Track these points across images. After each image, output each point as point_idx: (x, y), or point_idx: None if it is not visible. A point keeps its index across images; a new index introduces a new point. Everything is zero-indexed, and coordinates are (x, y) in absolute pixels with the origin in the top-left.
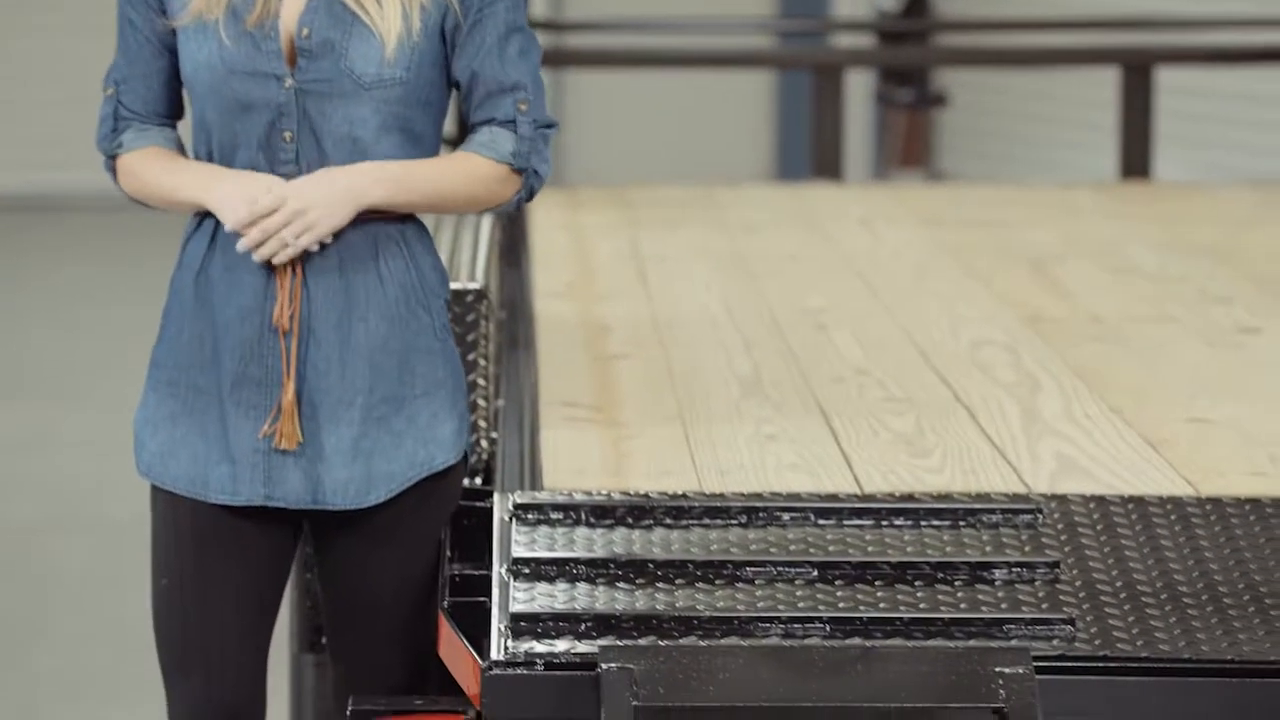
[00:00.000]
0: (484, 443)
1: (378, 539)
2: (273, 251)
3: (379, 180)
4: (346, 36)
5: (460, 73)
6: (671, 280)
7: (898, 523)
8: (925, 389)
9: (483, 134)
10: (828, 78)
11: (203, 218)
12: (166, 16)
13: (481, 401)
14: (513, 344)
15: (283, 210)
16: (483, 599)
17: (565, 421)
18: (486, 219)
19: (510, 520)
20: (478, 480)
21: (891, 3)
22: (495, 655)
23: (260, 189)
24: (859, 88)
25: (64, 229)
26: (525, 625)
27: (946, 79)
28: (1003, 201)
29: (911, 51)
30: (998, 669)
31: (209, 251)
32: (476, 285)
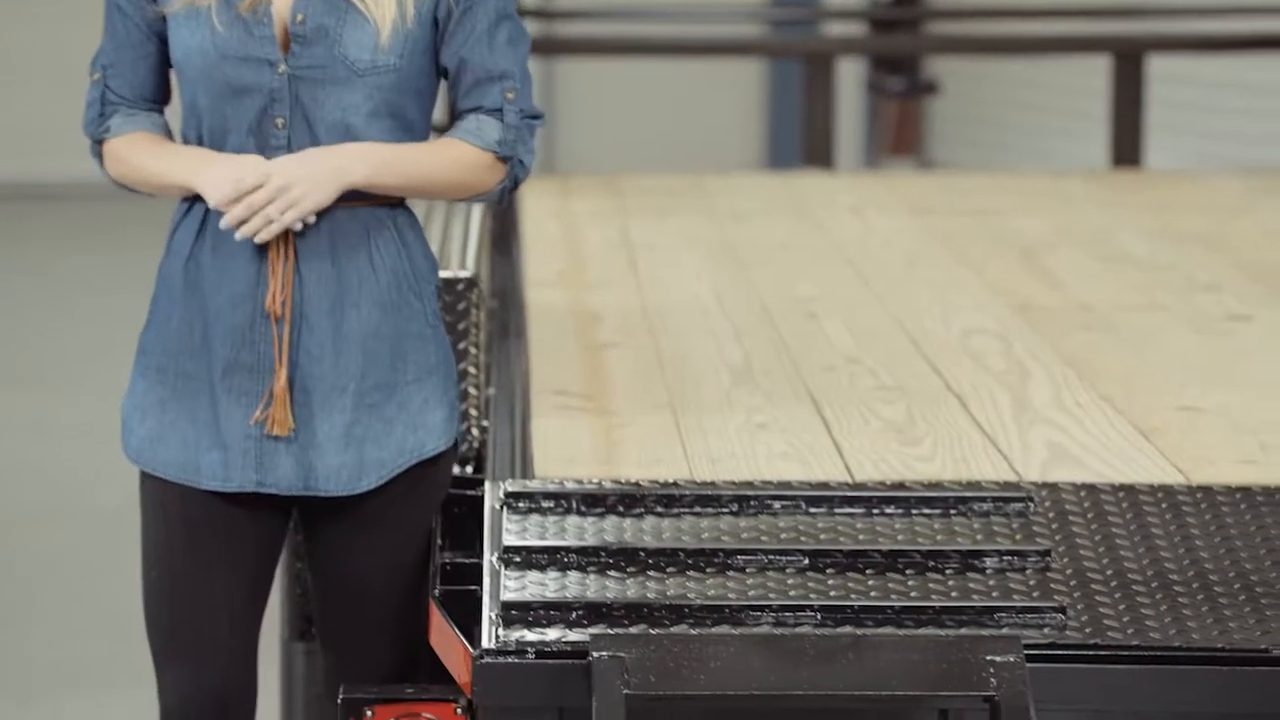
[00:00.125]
0: (475, 431)
1: (368, 525)
2: (256, 229)
3: (364, 160)
4: (341, 23)
5: (449, 59)
6: (662, 269)
7: (889, 511)
8: (916, 377)
9: (469, 121)
10: (818, 66)
11: (191, 204)
12: (157, 3)
13: (472, 390)
14: (503, 332)
15: (267, 186)
16: (474, 587)
17: (556, 410)
18: (477, 207)
19: (501, 509)
20: (469, 469)
21: None
22: (486, 644)
23: (249, 169)
24: (850, 76)
25: (63, 217)
26: (516, 614)
27: (938, 67)
28: (994, 190)
29: (902, 40)
30: (989, 657)
31: (198, 238)
32: (467, 273)
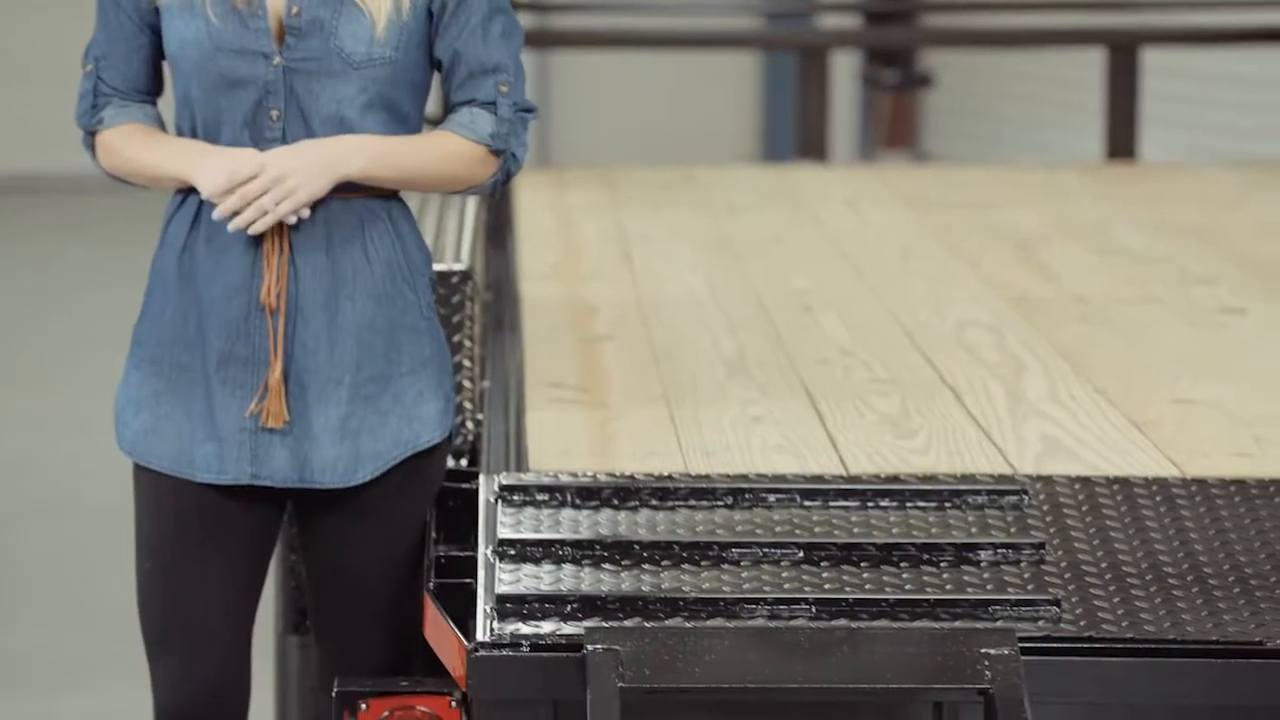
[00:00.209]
0: (469, 424)
1: (363, 517)
2: (249, 220)
3: (358, 152)
4: (336, 15)
5: (442, 52)
6: (657, 261)
7: (883, 504)
8: (911, 370)
9: (463, 114)
10: (813, 59)
11: (185, 197)
12: None
13: (467, 383)
14: (498, 325)
15: (261, 177)
16: (468, 580)
17: (551, 403)
18: (471, 200)
19: (496, 502)
20: (463, 462)
21: None
22: (481, 637)
23: (243, 160)
24: (844, 69)
25: (56, 212)
26: (511, 607)
27: (932, 60)
28: (988, 182)
29: (897, 32)
30: (983, 650)
31: (193, 230)
32: (462, 266)
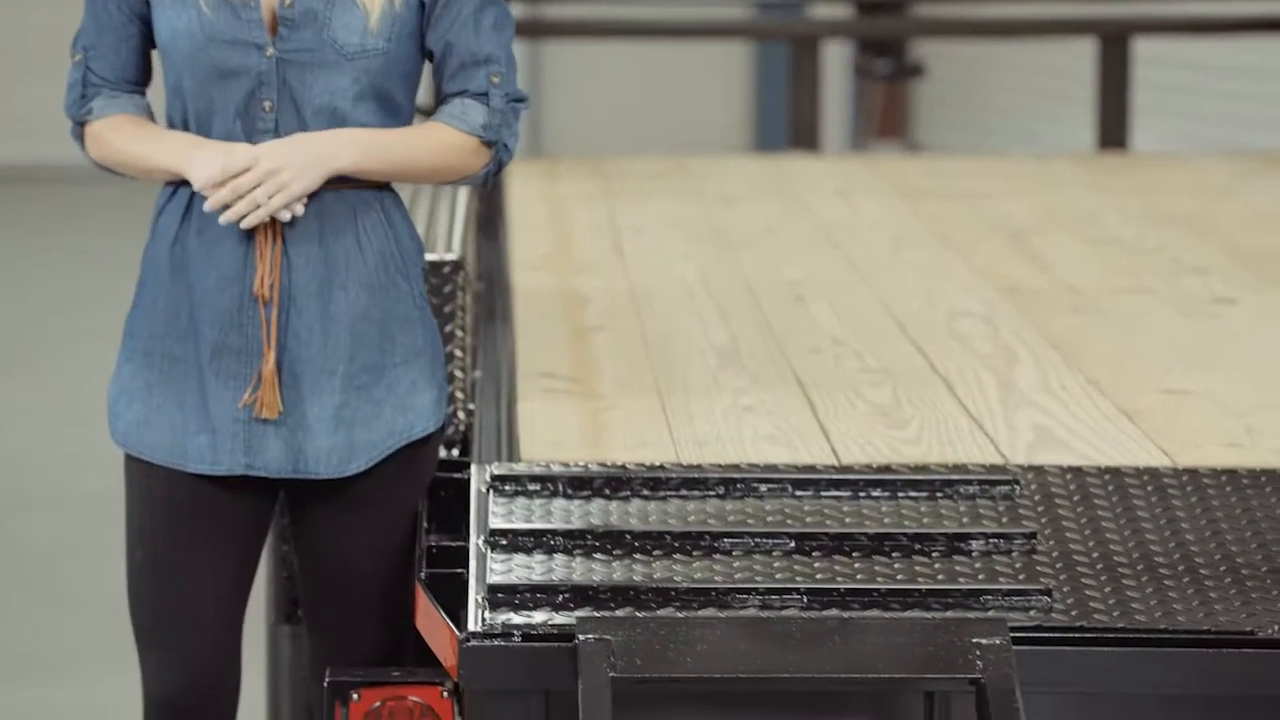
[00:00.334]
0: (461, 414)
1: (356, 508)
2: (241, 213)
3: (351, 145)
4: (329, 6)
5: (434, 43)
6: (648, 252)
7: (875, 494)
8: (902, 360)
9: (454, 105)
10: (804, 49)
11: (176, 188)
12: None
13: (459, 373)
14: (490, 315)
15: (255, 170)
16: (460, 570)
17: (542, 393)
18: (463, 190)
19: (487, 492)
20: (455, 452)
21: None
22: (472, 627)
23: (237, 152)
24: (836, 59)
25: (48, 202)
26: (502, 597)
27: (924, 50)
28: (980, 173)
29: (889, 22)
30: (975, 640)
31: (184, 221)
32: (453, 256)
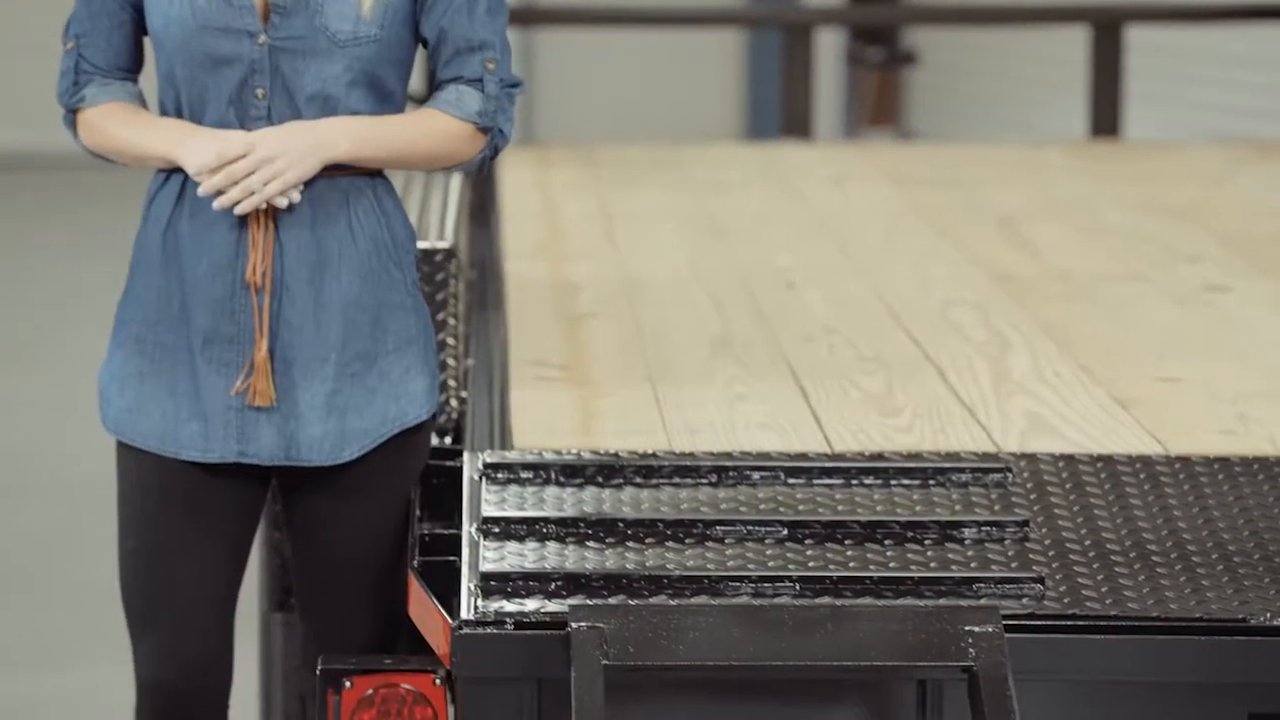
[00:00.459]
0: (454, 402)
1: (348, 495)
2: (235, 200)
3: (347, 133)
4: None
5: (429, 30)
6: (641, 239)
7: (867, 482)
8: (895, 348)
9: (449, 92)
10: (797, 37)
11: (168, 175)
12: None
13: (451, 361)
14: (482, 303)
15: (250, 157)
16: (452, 558)
17: (535, 381)
18: (456, 178)
19: (480, 479)
20: (447, 440)
21: None
22: (465, 614)
23: (232, 139)
24: (829, 47)
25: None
26: (495, 584)
27: (916, 38)
28: (973, 160)
29: (881, 10)
30: (967, 628)
31: (176, 208)
32: (446, 244)
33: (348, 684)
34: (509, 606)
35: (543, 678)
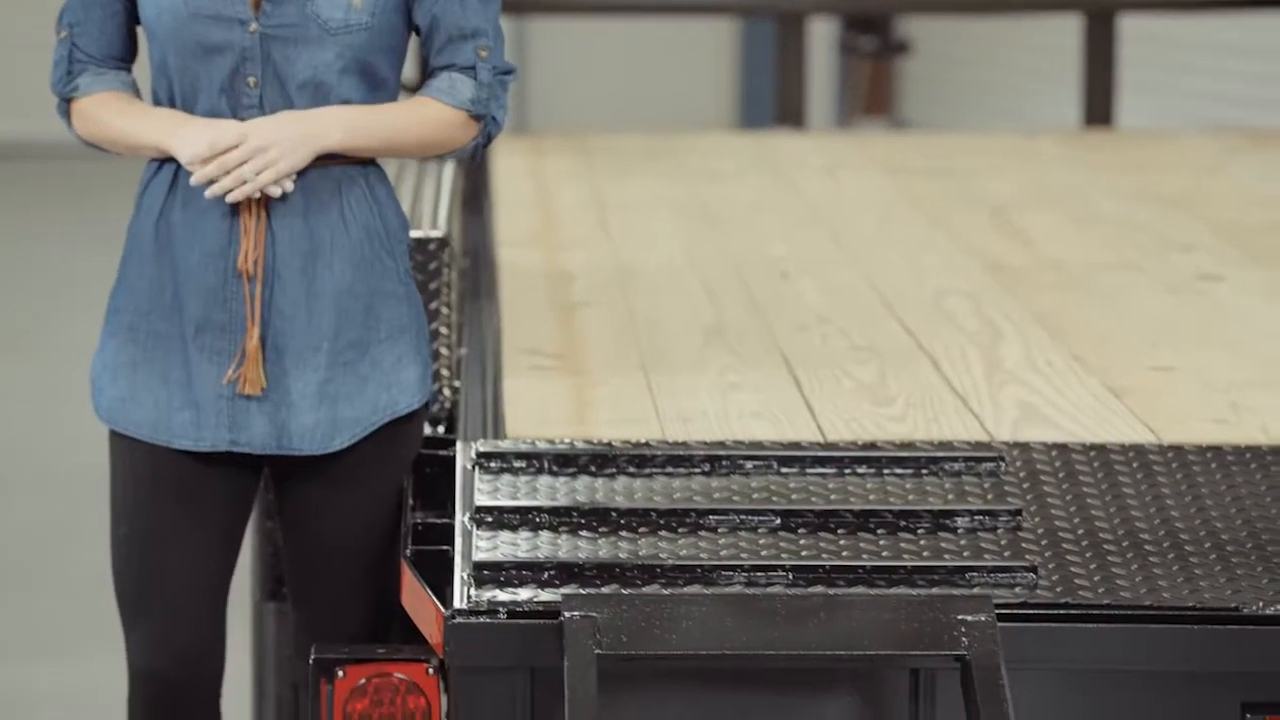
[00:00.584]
0: (446, 391)
1: (341, 484)
2: (227, 189)
3: (339, 123)
4: None
5: (421, 18)
6: (634, 228)
7: (860, 471)
8: (888, 337)
9: (442, 80)
10: (791, 26)
11: (161, 164)
12: None
13: (444, 350)
14: (475, 292)
15: (243, 146)
16: (445, 548)
17: (528, 370)
18: (449, 166)
19: (473, 469)
20: (440, 429)
21: None
22: (458, 604)
23: (225, 129)
24: (822, 36)
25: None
26: (488, 574)
27: (909, 27)
28: (966, 149)
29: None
30: (960, 617)
31: (169, 197)
32: (439, 233)
33: (340, 673)
34: (502, 596)
35: (536, 667)
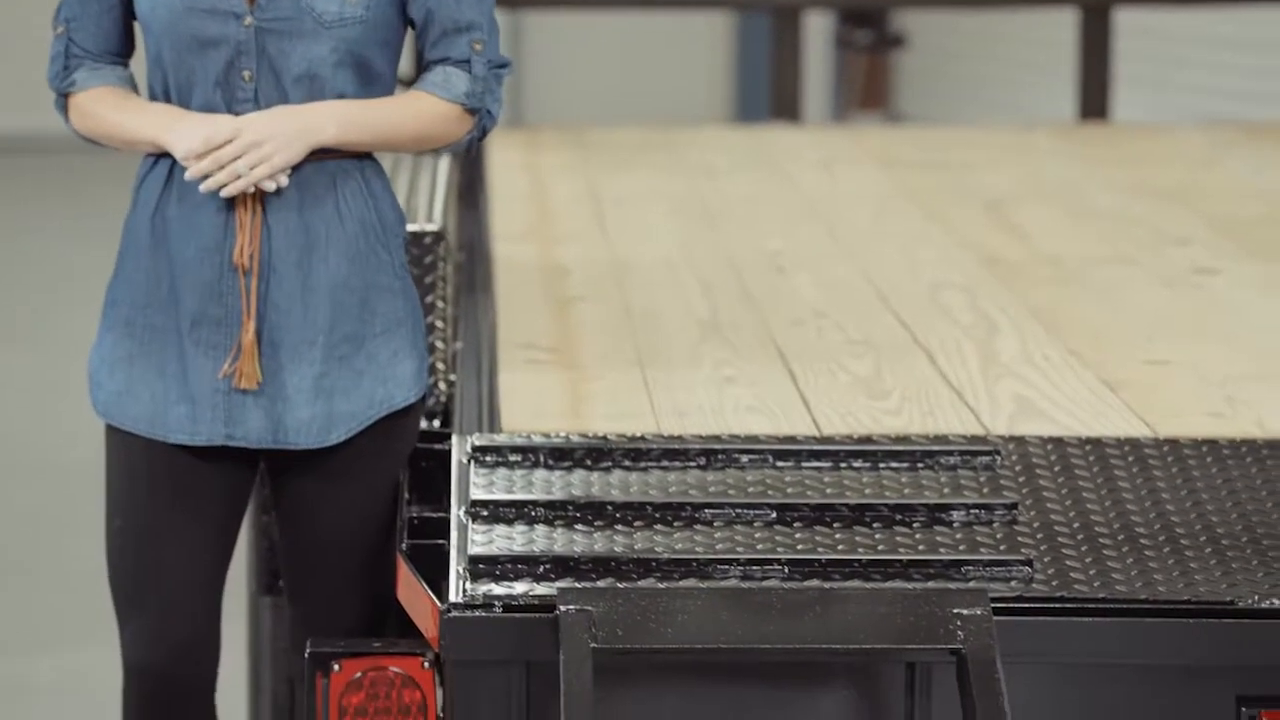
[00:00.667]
0: (442, 385)
1: (337, 478)
2: (222, 183)
3: (334, 118)
4: None
5: (416, 11)
6: (630, 223)
7: (856, 465)
8: (884, 331)
9: (437, 73)
10: (786, 20)
11: (157, 159)
12: None
13: (440, 344)
14: (471, 286)
15: (238, 141)
16: (441, 541)
17: (524, 364)
18: (444, 160)
19: (468, 462)
20: (436, 423)
21: None
22: (454, 598)
23: (220, 124)
24: (818, 30)
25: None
26: (484, 568)
27: (905, 21)
28: (961, 143)
29: None
30: (956, 610)
31: (165, 192)
32: (434, 227)
33: (336, 667)
34: (498, 589)
35: (531, 661)
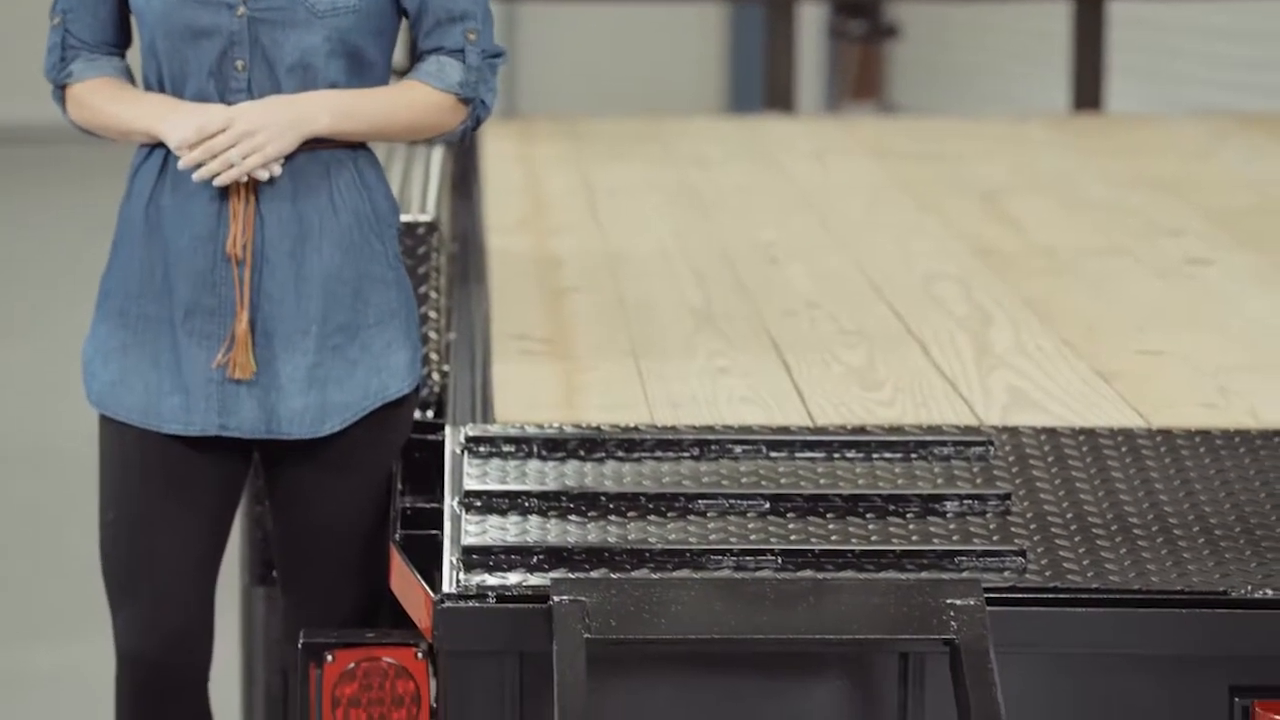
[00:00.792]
0: (435, 376)
1: (330, 468)
2: (215, 172)
3: (327, 108)
4: None
5: (410, 1)
6: (623, 213)
7: (849, 455)
8: (877, 322)
9: (430, 63)
10: (780, 10)
11: (151, 149)
12: None
13: (433, 334)
14: (464, 277)
15: (230, 130)
16: (434, 532)
17: (517, 354)
18: (438, 150)
19: (462, 453)
20: (429, 413)
21: None
22: (447, 588)
23: (213, 114)
24: (811, 20)
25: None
26: (477, 558)
27: (898, 11)
28: (955, 134)
29: None
30: (949, 601)
31: (159, 182)
32: (428, 217)
33: (329, 657)
34: (491, 580)
35: (525, 651)
